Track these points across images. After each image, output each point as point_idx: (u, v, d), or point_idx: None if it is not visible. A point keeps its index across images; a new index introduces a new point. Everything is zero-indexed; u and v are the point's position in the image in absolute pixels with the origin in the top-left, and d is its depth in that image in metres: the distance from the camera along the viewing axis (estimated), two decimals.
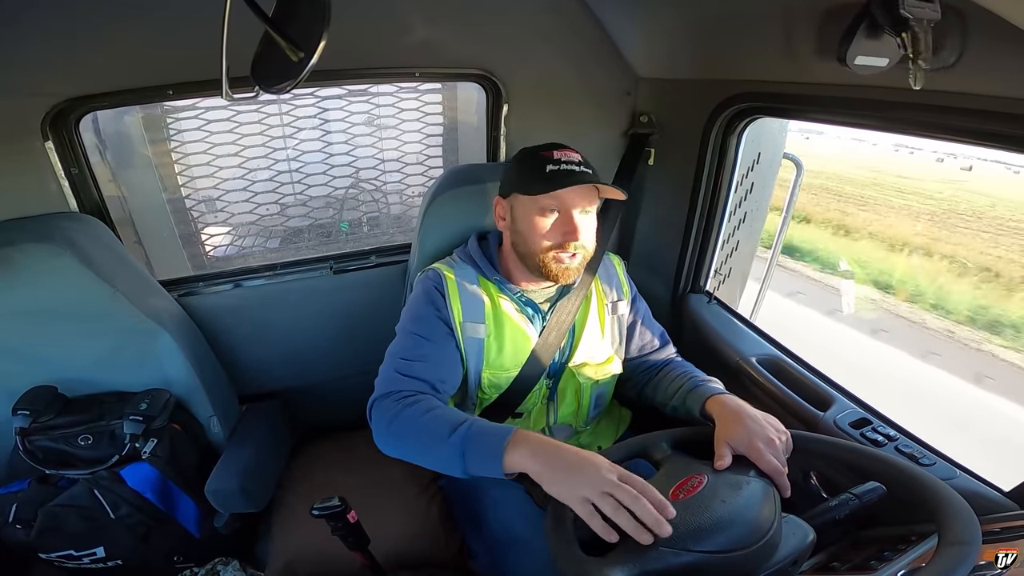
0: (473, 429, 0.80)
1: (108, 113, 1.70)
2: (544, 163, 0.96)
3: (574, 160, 0.96)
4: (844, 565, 0.79)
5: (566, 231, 0.96)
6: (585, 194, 0.96)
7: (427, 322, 1.00)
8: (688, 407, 0.97)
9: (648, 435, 0.85)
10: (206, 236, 2.09)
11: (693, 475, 0.72)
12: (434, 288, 1.02)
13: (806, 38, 0.88)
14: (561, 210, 0.96)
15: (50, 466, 1.08)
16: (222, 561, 1.25)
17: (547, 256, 0.97)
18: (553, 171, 0.94)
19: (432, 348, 0.99)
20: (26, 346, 1.10)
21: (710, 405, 0.91)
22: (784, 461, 0.77)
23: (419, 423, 0.85)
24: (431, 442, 0.83)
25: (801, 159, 1.64)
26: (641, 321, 1.16)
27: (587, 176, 0.95)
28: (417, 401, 0.89)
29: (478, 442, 0.78)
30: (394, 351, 1.00)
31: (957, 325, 5.83)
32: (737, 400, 0.89)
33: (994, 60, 0.66)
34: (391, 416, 0.89)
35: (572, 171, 0.94)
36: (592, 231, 1.00)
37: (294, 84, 0.49)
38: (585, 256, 1.00)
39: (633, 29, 1.32)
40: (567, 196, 0.95)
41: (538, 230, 0.97)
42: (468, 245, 1.10)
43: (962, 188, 7.13)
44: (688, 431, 0.87)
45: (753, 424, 0.80)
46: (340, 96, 1.85)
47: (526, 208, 0.98)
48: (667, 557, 0.62)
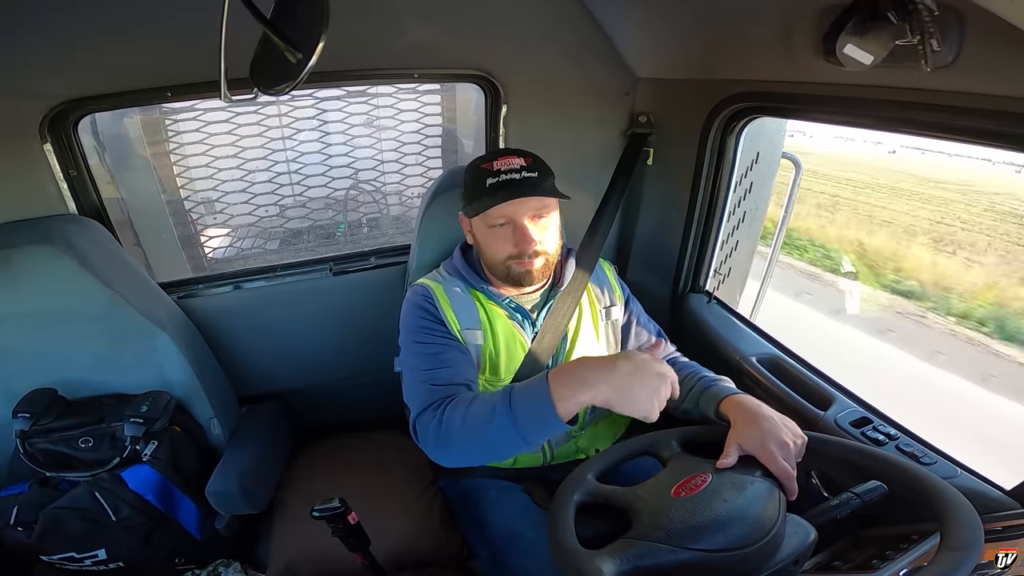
0: (513, 399, 0.75)
1: (107, 115, 1.70)
2: (484, 177, 0.95)
3: (515, 167, 0.94)
4: (846, 564, 0.79)
5: (518, 241, 0.95)
6: (531, 201, 0.94)
7: (430, 330, 1.00)
8: (702, 408, 0.95)
9: (658, 432, 0.84)
10: (205, 238, 2.09)
11: (697, 474, 0.72)
12: (424, 300, 1.02)
13: (804, 38, 0.88)
14: (510, 222, 0.95)
15: (51, 468, 1.08)
16: (223, 562, 1.25)
17: (508, 265, 0.97)
18: (493, 184, 0.93)
19: (447, 350, 0.97)
20: (26, 348, 1.10)
21: (726, 406, 0.89)
22: (794, 465, 0.75)
23: (462, 420, 0.81)
24: (480, 432, 0.78)
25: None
26: (636, 320, 1.15)
27: (528, 184, 0.93)
28: (451, 401, 0.85)
29: (524, 410, 0.74)
30: (412, 365, 0.96)
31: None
32: (754, 401, 0.86)
33: (992, 59, 0.66)
34: (435, 426, 0.84)
35: (512, 180, 0.93)
36: (550, 232, 0.98)
37: (293, 85, 0.49)
38: (548, 257, 0.99)
39: (632, 29, 1.32)
40: (512, 208, 0.93)
41: (494, 244, 0.97)
42: (453, 257, 1.09)
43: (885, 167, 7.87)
44: (699, 430, 0.86)
45: (768, 426, 0.78)
46: (339, 97, 1.85)
47: (478, 225, 0.98)
48: (662, 553, 0.62)
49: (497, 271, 1.00)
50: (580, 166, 1.47)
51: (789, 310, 5.38)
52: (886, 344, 5.13)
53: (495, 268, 1.00)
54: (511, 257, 0.97)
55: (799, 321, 5.15)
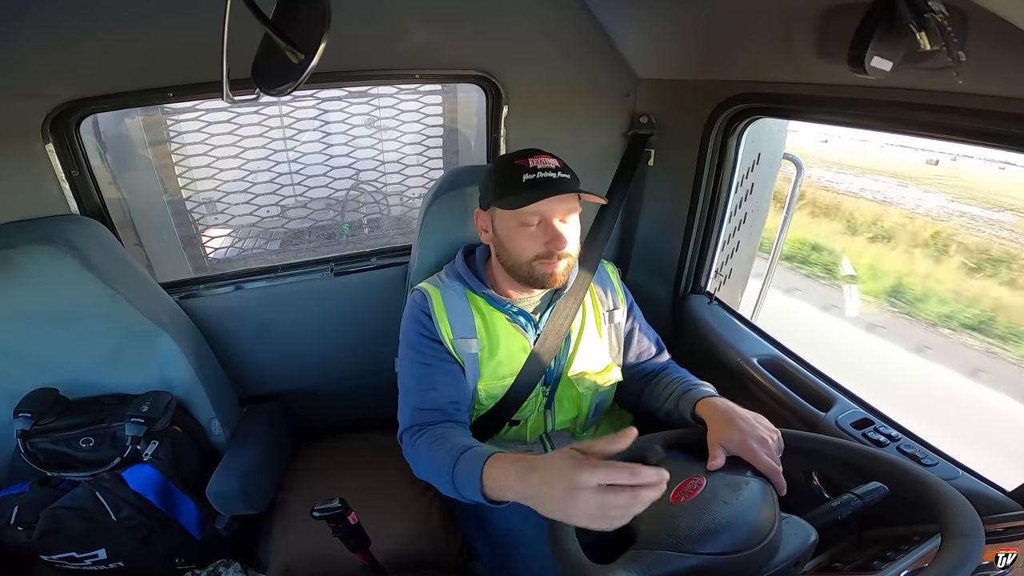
0: (455, 470, 0.80)
1: (108, 115, 1.70)
2: (520, 173, 0.93)
3: (551, 167, 0.93)
4: (846, 565, 0.79)
5: (549, 240, 0.94)
6: (565, 201, 0.94)
7: (422, 348, 1.01)
8: (680, 410, 0.98)
9: (641, 438, 0.85)
10: (207, 238, 2.09)
11: (691, 477, 0.73)
12: (420, 311, 1.02)
13: (806, 39, 0.88)
14: (543, 220, 0.94)
15: (52, 468, 1.08)
16: (223, 563, 1.24)
17: (533, 265, 0.96)
18: (530, 180, 0.92)
19: (436, 373, 1.00)
20: (27, 348, 1.10)
21: (700, 408, 0.92)
22: (778, 460, 0.77)
23: (425, 460, 0.91)
24: (435, 477, 0.88)
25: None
26: (638, 329, 1.16)
27: (565, 183, 0.93)
28: (424, 434, 0.93)
29: (461, 483, 0.79)
30: (403, 382, 1.03)
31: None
32: (726, 402, 0.90)
33: (993, 59, 0.66)
34: (409, 449, 0.96)
35: (550, 179, 0.92)
36: (576, 236, 0.98)
37: (295, 86, 0.49)
38: (570, 261, 0.98)
39: (633, 30, 1.32)
40: (547, 206, 0.93)
41: (522, 242, 0.95)
42: (455, 261, 1.09)
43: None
44: (680, 432, 0.88)
45: (744, 425, 0.81)
46: (340, 98, 1.85)
47: (506, 221, 0.96)
48: (673, 560, 0.62)
49: (519, 271, 0.98)
50: (581, 167, 1.45)
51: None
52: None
53: (518, 268, 0.97)
54: (538, 257, 0.95)
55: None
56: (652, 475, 0.59)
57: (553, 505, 0.64)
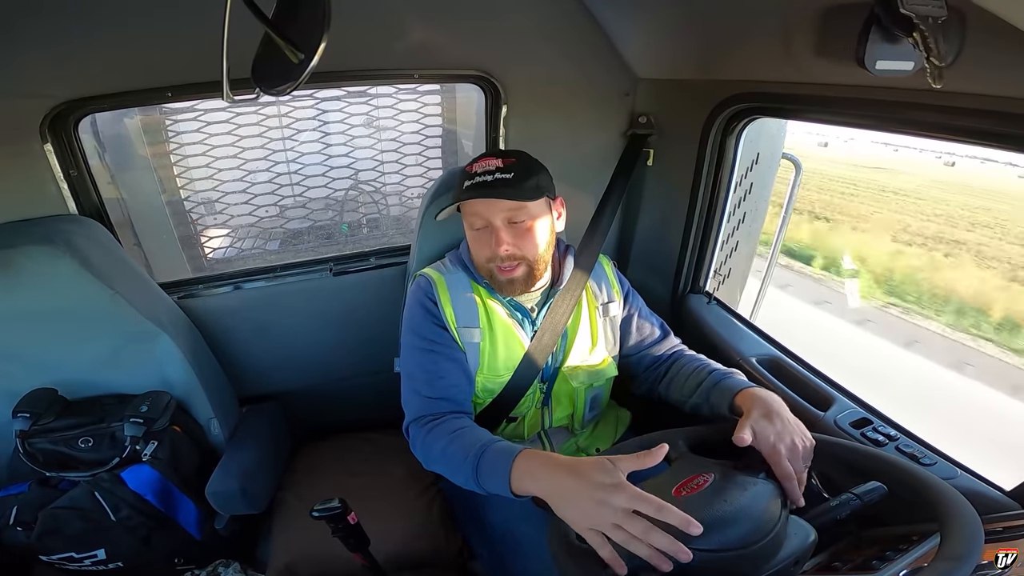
0: (481, 462, 0.81)
1: (107, 115, 1.70)
2: (464, 178, 0.95)
3: (489, 168, 0.93)
4: (846, 565, 0.79)
5: (492, 243, 0.95)
6: (502, 203, 0.93)
7: (428, 335, 1.00)
8: (712, 404, 0.93)
9: (665, 432, 0.84)
10: (205, 238, 2.09)
11: (699, 474, 0.72)
12: (425, 296, 1.03)
13: (805, 38, 0.88)
14: (488, 223, 0.95)
15: (51, 468, 1.08)
16: (223, 563, 1.24)
17: (491, 269, 0.97)
18: (469, 185, 0.93)
19: (442, 360, 0.99)
20: (26, 348, 1.10)
21: (741, 399, 0.86)
22: (801, 468, 0.75)
23: (441, 451, 0.89)
24: (453, 468, 0.87)
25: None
26: (637, 314, 1.14)
27: (498, 186, 0.91)
28: (438, 424, 0.93)
29: (486, 474, 0.80)
30: (408, 371, 1.01)
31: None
32: (770, 395, 0.84)
33: (992, 59, 0.66)
34: (420, 441, 0.94)
35: (484, 182, 0.92)
36: (532, 237, 0.96)
37: (295, 86, 0.49)
38: (530, 264, 0.98)
39: (632, 29, 1.32)
40: (484, 208, 0.93)
41: (473, 245, 0.99)
42: (460, 249, 1.10)
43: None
44: (708, 430, 0.85)
45: (781, 426, 0.77)
46: (339, 98, 1.85)
47: (466, 227, 0.99)
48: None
49: (483, 274, 1.01)
50: (580, 166, 1.47)
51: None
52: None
53: (481, 271, 1.01)
54: (490, 260, 0.97)
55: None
56: (675, 517, 0.60)
57: (574, 510, 0.65)
